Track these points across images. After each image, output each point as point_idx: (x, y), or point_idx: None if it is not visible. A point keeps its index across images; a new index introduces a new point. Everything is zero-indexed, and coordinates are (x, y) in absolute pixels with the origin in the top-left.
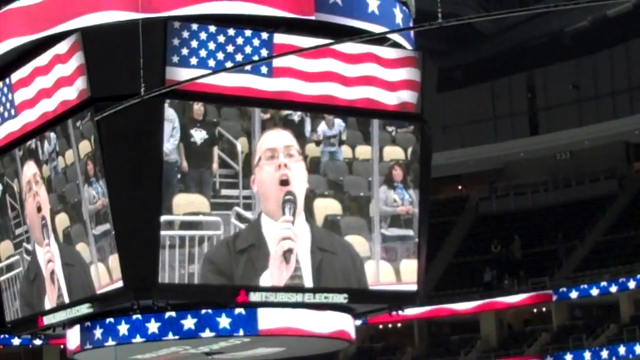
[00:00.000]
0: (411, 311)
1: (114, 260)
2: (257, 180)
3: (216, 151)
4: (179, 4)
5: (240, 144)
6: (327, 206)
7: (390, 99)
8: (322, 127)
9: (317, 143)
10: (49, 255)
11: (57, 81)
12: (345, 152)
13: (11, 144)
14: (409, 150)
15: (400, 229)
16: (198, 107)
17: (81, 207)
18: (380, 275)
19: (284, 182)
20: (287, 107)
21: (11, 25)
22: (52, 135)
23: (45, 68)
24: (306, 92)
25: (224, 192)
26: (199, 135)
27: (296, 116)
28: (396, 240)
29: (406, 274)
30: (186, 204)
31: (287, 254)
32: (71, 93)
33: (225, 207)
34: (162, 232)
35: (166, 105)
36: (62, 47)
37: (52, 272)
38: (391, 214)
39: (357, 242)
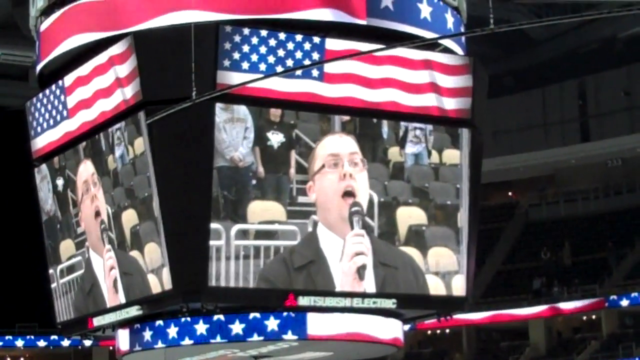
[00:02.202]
0: (460, 317)
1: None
2: (316, 188)
3: (294, 155)
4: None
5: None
6: (412, 215)
7: (442, 104)
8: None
9: (400, 143)
10: (111, 262)
11: (112, 84)
12: (431, 156)
13: (66, 145)
14: None
15: None
16: (274, 110)
17: (152, 202)
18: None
19: (349, 194)
20: (339, 112)
21: (70, 25)
22: (119, 124)
23: (102, 68)
24: (359, 96)
25: (301, 199)
26: (275, 139)
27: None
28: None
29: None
30: (261, 211)
31: (361, 270)
32: (123, 96)
33: (302, 216)
34: (236, 242)
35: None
36: (116, 50)
37: (115, 280)
38: None
39: (444, 254)
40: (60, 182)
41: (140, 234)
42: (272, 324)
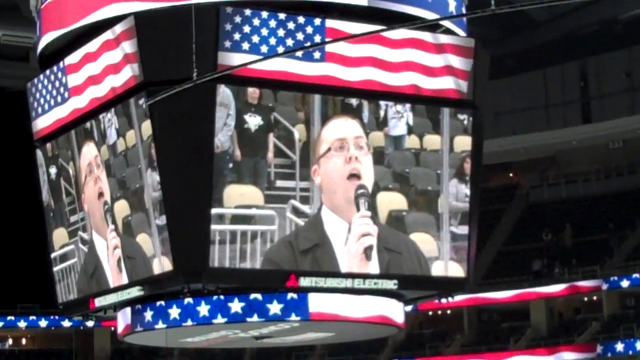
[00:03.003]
0: (461, 298)
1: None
2: (322, 172)
3: (272, 139)
4: None
5: (298, 132)
6: (392, 200)
7: (442, 85)
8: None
9: (380, 126)
10: (115, 242)
11: (107, 66)
12: (412, 141)
13: (65, 127)
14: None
15: None
16: (253, 90)
17: (143, 193)
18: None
19: (354, 177)
20: (341, 94)
21: (71, 6)
22: (109, 115)
23: (96, 53)
24: (356, 78)
25: (280, 183)
26: (253, 121)
27: (354, 101)
28: (466, 239)
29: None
30: (238, 196)
31: (368, 250)
32: (123, 77)
33: (280, 200)
34: (212, 227)
35: (222, 86)
36: (115, 31)
37: (119, 260)
38: (462, 210)
39: (424, 240)
40: (53, 170)
41: (132, 225)
42: (273, 304)
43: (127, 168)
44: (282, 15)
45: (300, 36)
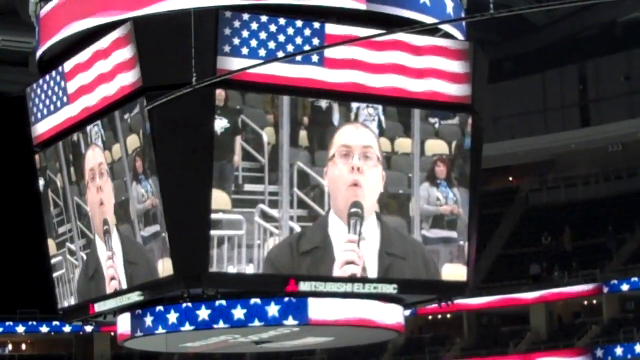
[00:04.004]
0: (461, 302)
1: (164, 263)
2: (329, 175)
3: (239, 142)
4: None
5: (267, 135)
6: None
7: (441, 89)
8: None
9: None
10: (109, 253)
11: (104, 72)
12: (383, 145)
13: (65, 132)
14: (453, 144)
15: (443, 230)
16: (219, 92)
17: (129, 206)
18: None
19: (356, 186)
20: (340, 98)
21: (70, 11)
22: (96, 128)
23: (95, 58)
24: (360, 82)
25: (248, 187)
26: (219, 124)
27: (324, 103)
28: (439, 243)
29: (443, 277)
30: None
31: (350, 277)
32: (122, 82)
33: (248, 204)
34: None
35: None
36: (115, 36)
37: (113, 269)
38: (433, 213)
39: None
40: (41, 182)
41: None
42: (272, 309)
43: (114, 181)
44: (281, 20)
45: (299, 40)
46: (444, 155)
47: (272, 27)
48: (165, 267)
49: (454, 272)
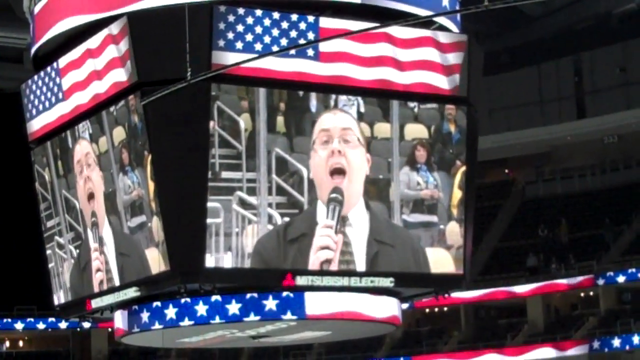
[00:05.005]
0: (458, 295)
1: (150, 253)
2: (311, 164)
3: (215, 128)
4: None
5: (244, 121)
6: None
7: (436, 81)
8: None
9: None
10: (96, 245)
11: (100, 67)
12: (363, 130)
13: (60, 128)
14: (433, 128)
15: (423, 214)
16: None
17: (116, 197)
18: None
19: (337, 172)
20: (334, 92)
21: (64, 7)
22: (83, 122)
23: (89, 54)
24: (355, 75)
25: (225, 174)
26: None
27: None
28: (419, 227)
29: (430, 264)
30: None
31: (324, 264)
32: (116, 78)
33: (225, 192)
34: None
35: None
36: (110, 31)
37: (99, 262)
38: (414, 198)
39: None
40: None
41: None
42: (270, 303)
43: (101, 172)
44: (275, 14)
45: (293, 34)
46: (423, 140)
47: (267, 21)
48: (152, 257)
49: (437, 256)
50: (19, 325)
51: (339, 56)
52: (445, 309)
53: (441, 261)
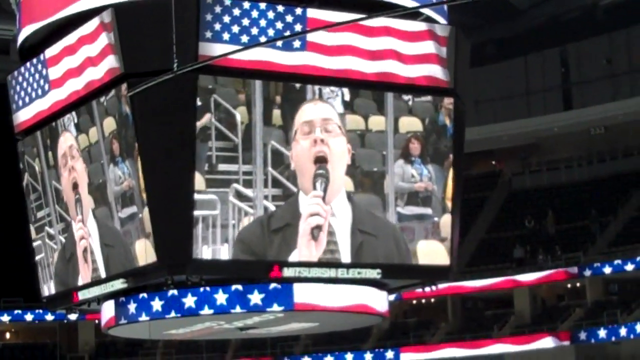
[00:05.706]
0: (445, 286)
1: (140, 244)
2: (293, 156)
3: (212, 121)
4: None
5: (240, 114)
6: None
7: (422, 73)
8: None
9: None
10: (81, 233)
11: (87, 58)
12: (357, 122)
13: (46, 119)
14: (427, 121)
15: (417, 207)
16: None
17: (106, 188)
18: None
19: (320, 160)
20: (321, 83)
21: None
22: (69, 114)
23: (76, 44)
24: (333, 66)
25: (222, 167)
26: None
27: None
28: (413, 220)
29: (423, 256)
30: None
31: (315, 230)
32: (103, 69)
33: (222, 184)
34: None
35: None
36: (94, 23)
37: (85, 250)
38: (408, 190)
39: None
40: (20, 166)
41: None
42: (257, 295)
43: (91, 164)
44: (262, 5)
45: (280, 25)
46: (418, 133)
47: (254, 13)
48: (141, 248)
49: (430, 248)
50: (6, 317)
51: (327, 48)
52: (433, 300)
53: (434, 253)
